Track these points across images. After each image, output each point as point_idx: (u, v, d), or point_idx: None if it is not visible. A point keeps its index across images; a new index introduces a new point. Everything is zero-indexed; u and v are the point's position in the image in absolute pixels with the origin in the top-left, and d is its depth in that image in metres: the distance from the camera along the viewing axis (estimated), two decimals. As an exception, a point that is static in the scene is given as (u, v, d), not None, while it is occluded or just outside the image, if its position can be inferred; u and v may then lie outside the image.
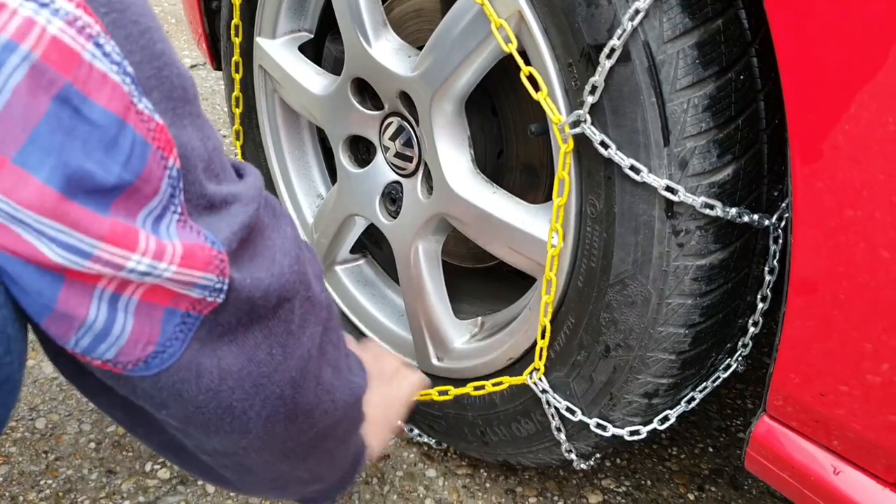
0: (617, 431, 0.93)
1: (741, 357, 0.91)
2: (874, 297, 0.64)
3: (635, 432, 0.94)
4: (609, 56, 0.75)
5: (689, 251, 0.78)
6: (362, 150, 1.22)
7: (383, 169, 1.16)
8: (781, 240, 0.81)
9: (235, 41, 1.31)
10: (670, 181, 0.75)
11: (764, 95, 0.75)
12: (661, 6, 0.71)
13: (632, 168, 0.77)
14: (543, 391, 0.97)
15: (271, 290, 0.63)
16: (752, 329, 0.88)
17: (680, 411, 0.93)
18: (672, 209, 0.77)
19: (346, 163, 1.22)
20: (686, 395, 0.92)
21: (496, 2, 0.84)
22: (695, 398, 0.93)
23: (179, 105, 0.54)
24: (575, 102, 0.81)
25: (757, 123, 0.76)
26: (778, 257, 0.81)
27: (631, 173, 0.77)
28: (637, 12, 0.71)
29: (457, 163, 1.01)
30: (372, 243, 1.36)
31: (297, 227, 0.83)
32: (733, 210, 0.76)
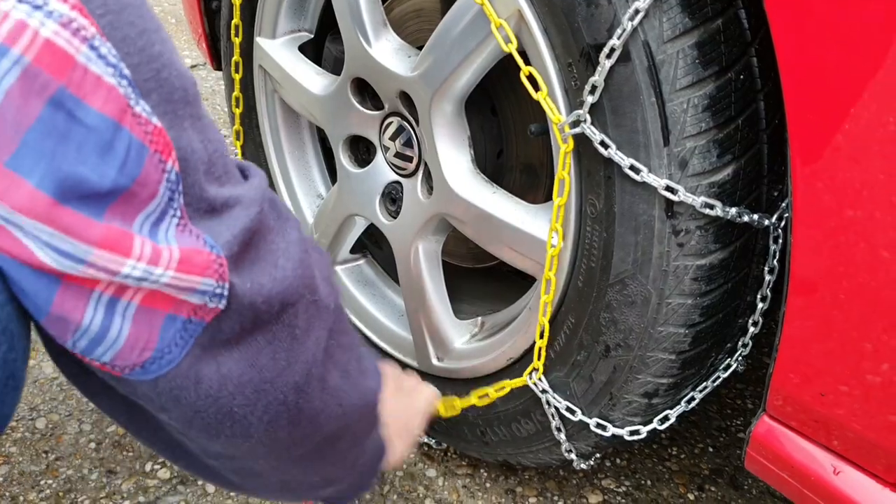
0: (617, 431, 0.93)
1: (741, 357, 0.91)
2: (874, 297, 0.64)
3: (635, 432, 0.94)
4: (609, 56, 0.75)
5: (689, 251, 0.78)
6: (362, 150, 1.22)
7: (383, 169, 1.16)
8: (781, 240, 0.81)
9: (235, 41, 1.31)
10: (670, 181, 0.75)
11: (764, 95, 0.75)
12: (660, 6, 0.71)
13: (632, 168, 0.77)
14: (543, 391, 0.97)
15: (274, 295, 0.62)
16: (751, 329, 0.88)
17: (680, 411, 0.93)
18: (672, 209, 0.77)
19: (346, 163, 1.21)
20: (686, 395, 0.92)
21: (496, 2, 0.84)
22: (695, 398, 0.93)
23: (179, 107, 0.53)
24: (575, 102, 0.81)
25: (757, 123, 0.76)
26: (778, 257, 0.81)
27: (631, 173, 0.77)
28: (637, 12, 0.71)
29: (457, 163, 1.01)
30: (372, 243, 1.36)
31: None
32: (733, 210, 0.76)
